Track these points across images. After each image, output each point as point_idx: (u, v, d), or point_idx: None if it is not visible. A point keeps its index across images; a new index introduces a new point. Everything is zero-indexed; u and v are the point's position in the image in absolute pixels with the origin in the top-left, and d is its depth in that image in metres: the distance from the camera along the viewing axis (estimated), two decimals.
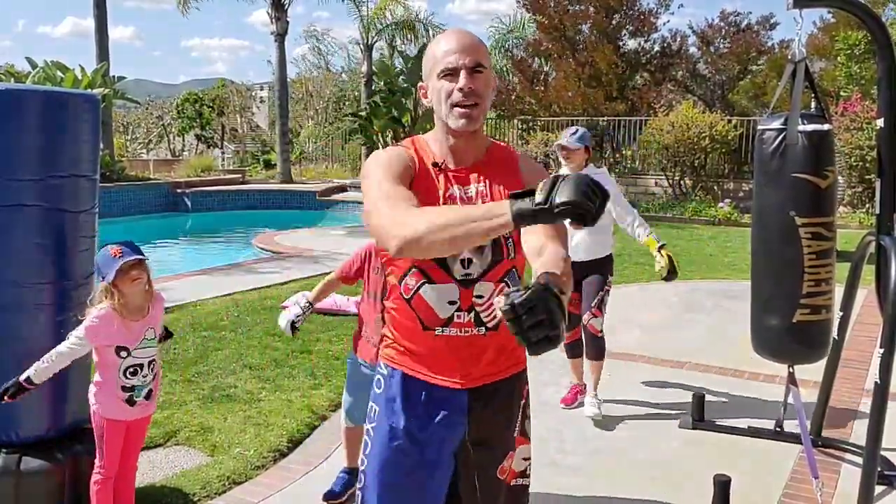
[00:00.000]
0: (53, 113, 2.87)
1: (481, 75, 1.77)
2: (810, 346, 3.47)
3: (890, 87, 3.24)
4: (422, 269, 1.81)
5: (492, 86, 1.82)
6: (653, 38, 19.29)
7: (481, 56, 1.78)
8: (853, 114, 12.95)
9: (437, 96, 1.80)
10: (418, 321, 1.84)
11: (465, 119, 1.76)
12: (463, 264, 1.79)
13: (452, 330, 1.82)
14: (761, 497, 3.38)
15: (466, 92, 1.74)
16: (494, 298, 1.76)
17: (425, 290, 1.81)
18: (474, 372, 1.85)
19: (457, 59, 1.75)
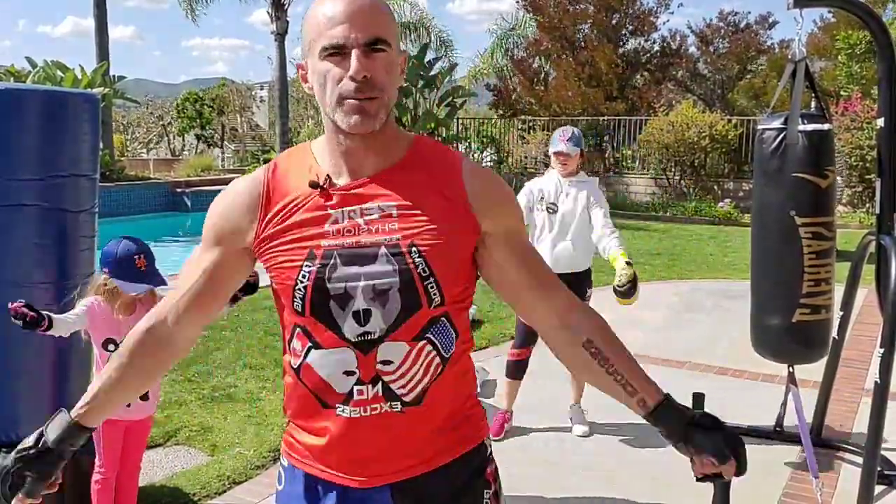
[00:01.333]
0: (53, 113, 2.87)
1: (382, 56, 1.26)
2: (810, 346, 3.47)
3: (890, 87, 3.24)
4: (305, 330, 1.32)
5: (398, 67, 1.31)
6: (653, 37, 19.31)
7: (381, 27, 1.26)
8: (853, 113, 12.96)
9: (319, 83, 1.29)
10: (314, 397, 1.35)
11: (359, 115, 1.26)
12: (357, 319, 1.28)
13: (355, 410, 1.31)
14: (761, 497, 3.38)
15: (360, 82, 1.24)
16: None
17: (313, 358, 1.32)
18: (395, 461, 1.34)
19: (345, 33, 1.23)
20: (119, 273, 2.63)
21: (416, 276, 1.28)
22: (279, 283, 1.34)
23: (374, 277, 1.28)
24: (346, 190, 1.32)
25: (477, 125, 19.71)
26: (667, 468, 3.68)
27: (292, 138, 24.36)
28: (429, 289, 1.29)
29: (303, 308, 1.30)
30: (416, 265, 1.28)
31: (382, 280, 1.28)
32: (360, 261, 1.28)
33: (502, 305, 6.82)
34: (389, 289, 1.28)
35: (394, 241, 1.28)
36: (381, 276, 1.28)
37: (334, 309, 1.29)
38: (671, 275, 8.67)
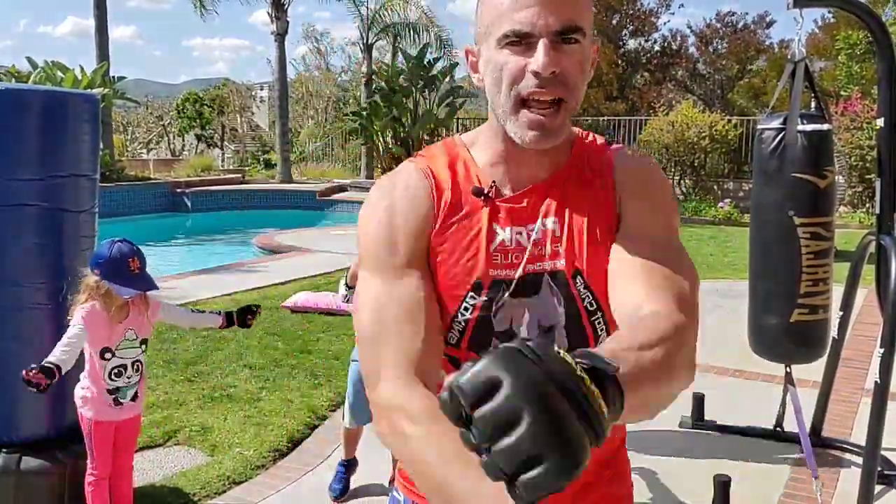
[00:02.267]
0: (53, 113, 2.88)
1: (576, 48, 1.04)
2: (808, 346, 3.47)
3: (890, 87, 3.24)
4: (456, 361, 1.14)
5: (590, 65, 1.09)
6: (653, 37, 19.34)
7: (578, 12, 1.03)
8: (853, 113, 12.96)
9: (493, 77, 1.07)
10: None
11: (538, 132, 1.04)
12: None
13: None
14: (761, 497, 3.38)
15: (547, 78, 1.01)
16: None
17: None
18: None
19: (534, 17, 1.01)
20: (111, 275, 2.61)
21: (582, 311, 1.11)
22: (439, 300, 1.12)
23: (539, 310, 1.11)
24: (513, 202, 1.12)
25: (477, 125, 19.69)
26: (667, 468, 3.68)
27: (292, 139, 24.38)
28: (596, 325, 1.12)
29: (459, 342, 1.12)
30: (581, 298, 1.11)
31: (547, 315, 1.11)
32: (525, 292, 1.11)
33: None
34: (555, 325, 1.11)
35: (559, 267, 1.11)
36: (545, 309, 1.11)
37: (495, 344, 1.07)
38: None
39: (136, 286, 2.66)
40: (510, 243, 1.11)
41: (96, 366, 2.69)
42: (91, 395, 2.71)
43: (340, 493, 3.33)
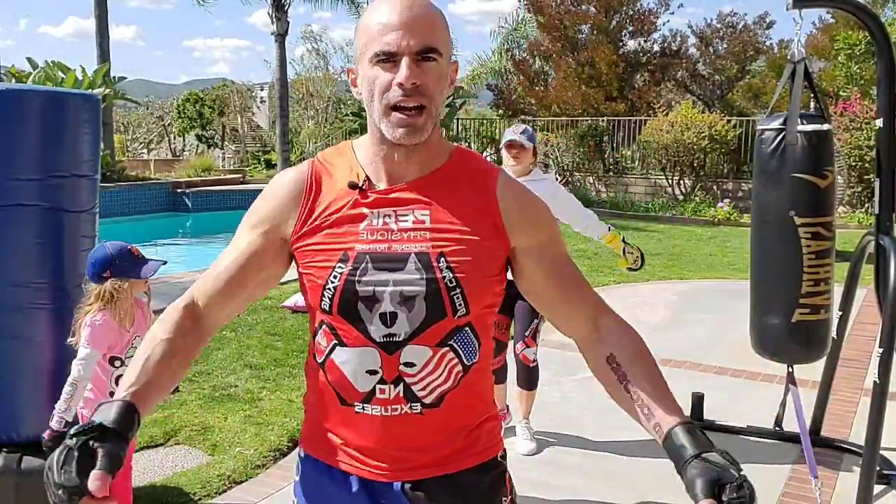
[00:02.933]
0: (54, 113, 2.88)
1: (433, 65, 1.26)
2: (809, 346, 3.48)
3: (889, 88, 3.24)
4: (332, 327, 1.34)
5: (447, 79, 1.32)
6: (652, 38, 19.33)
7: (435, 36, 1.26)
8: (852, 114, 12.97)
9: (368, 89, 1.29)
10: (335, 394, 1.37)
11: (405, 128, 1.26)
12: (384, 321, 1.30)
13: (375, 408, 1.33)
14: (761, 497, 3.36)
15: (409, 89, 1.24)
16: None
17: (338, 355, 1.34)
18: (412, 460, 1.36)
19: (398, 40, 1.23)
20: (124, 269, 2.62)
21: (442, 287, 1.30)
22: (309, 281, 1.36)
23: (402, 284, 1.30)
24: (384, 194, 1.34)
25: (477, 125, 19.72)
26: (667, 468, 3.69)
27: (292, 139, 24.38)
28: (455, 299, 1.30)
29: (330, 307, 1.33)
30: (443, 276, 1.30)
31: (410, 287, 1.29)
32: (390, 266, 1.30)
33: None
34: (416, 296, 1.30)
35: (424, 249, 1.30)
36: (408, 283, 1.30)
37: (362, 310, 1.31)
38: (671, 275, 8.67)
39: (152, 264, 2.68)
40: (377, 224, 1.32)
41: (102, 373, 2.68)
42: (92, 396, 2.71)
43: None
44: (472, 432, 1.41)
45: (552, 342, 4.75)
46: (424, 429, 1.35)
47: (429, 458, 1.37)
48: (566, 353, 5.35)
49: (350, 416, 1.36)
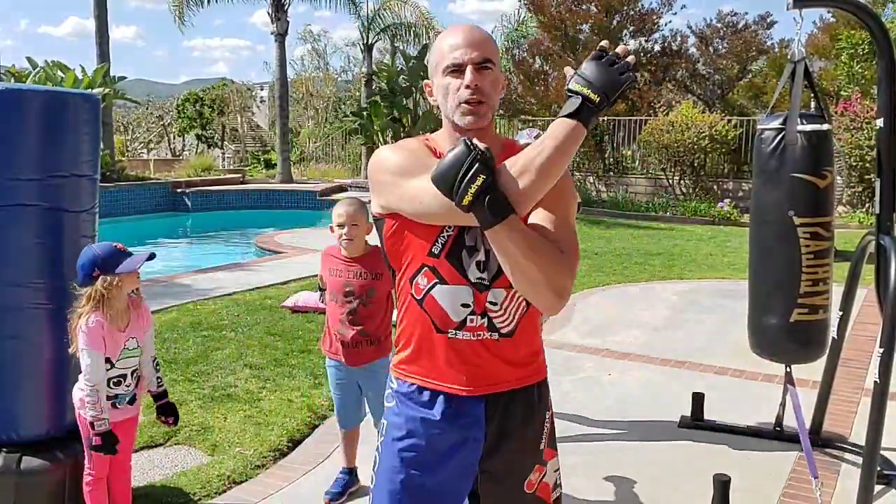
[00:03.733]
0: (54, 113, 2.88)
1: (488, 72, 1.70)
2: (807, 346, 3.48)
3: (889, 87, 3.24)
4: (434, 269, 1.71)
5: (500, 84, 1.74)
6: (653, 37, 19.31)
7: (489, 52, 1.70)
8: (853, 113, 12.96)
9: (442, 93, 1.72)
10: (431, 324, 1.74)
11: (471, 116, 1.69)
12: (479, 267, 1.70)
13: (466, 334, 1.72)
14: (761, 497, 3.38)
15: (473, 89, 1.67)
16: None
17: (437, 291, 1.71)
18: (489, 378, 1.75)
19: (463, 55, 1.68)
20: (112, 265, 2.64)
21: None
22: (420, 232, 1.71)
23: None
24: None
25: None
26: (667, 468, 3.69)
27: (292, 138, 24.38)
28: None
29: (440, 251, 1.70)
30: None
31: None
32: None
33: None
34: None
35: None
36: None
37: (465, 257, 1.70)
38: (671, 275, 8.67)
39: (139, 256, 2.69)
40: None
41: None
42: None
43: (335, 497, 3.30)
44: (531, 358, 1.81)
45: (552, 342, 4.75)
46: (502, 353, 1.74)
47: (504, 379, 1.76)
48: (566, 353, 5.36)
49: (443, 342, 1.74)
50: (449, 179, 1.53)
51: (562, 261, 1.62)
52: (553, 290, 1.62)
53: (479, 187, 1.51)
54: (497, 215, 1.54)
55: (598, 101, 1.55)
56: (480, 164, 1.51)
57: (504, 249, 1.59)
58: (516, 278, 1.62)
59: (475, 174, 1.51)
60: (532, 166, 1.57)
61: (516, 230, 1.57)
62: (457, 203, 1.54)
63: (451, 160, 1.53)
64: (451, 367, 1.74)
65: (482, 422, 1.75)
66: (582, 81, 1.57)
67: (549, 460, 1.88)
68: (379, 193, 1.74)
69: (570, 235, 1.69)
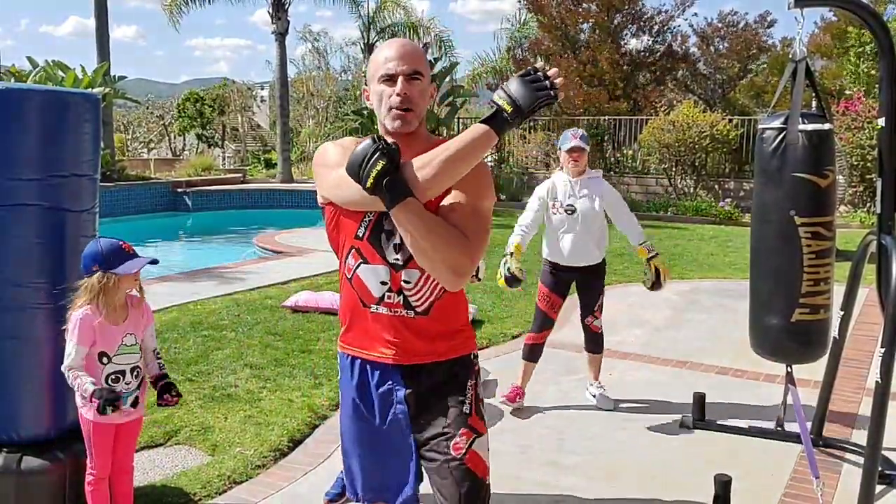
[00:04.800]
0: (54, 113, 2.87)
1: (417, 83, 1.92)
2: (809, 346, 3.47)
3: (891, 86, 3.23)
4: (359, 250, 1.97)
5: (428, 94, 1.97)
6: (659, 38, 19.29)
7: (419, 65, 1.92)
8: (854, 113, 12.95)
9: (377, 99, 1.95)
10: (358, 299, 1.99)
11: (400, 121, 1.91)
12: (395, 249, 1.93)
13: (384, 309, 1.97)
14: (762, 497, 3.38)
15: (402, 97, 1.89)
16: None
17: (362, 270, 1.97)
18: (406, 350, 1.98)
19: (395, 66, 1.90)
20: (112, 262, 2.64)
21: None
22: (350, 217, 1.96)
23: None
24: None
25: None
26: (667, 468, 3.68)
27: (293, 138, 24.36)
28: None
29: (363, 235, 1.95)
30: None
31: None
32: None
33: (503, 305, 6.81)
34: None
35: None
36: None
37: (383, 240, 1.94)
38: (672, 274, 8.64)
39: (140, 260, 2.69)
40: None
41: (94, 371, 2.68)
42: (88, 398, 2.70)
43: (335, 498, 3.29)
44: (450, 336, 2.03)
45: (552, 342, 4.75)
46: (418, 329, 1.97)
47: (420, 350, 1.99)
48: (566, 353, 5.35)
49: (367, 316, 1.99)
50: (356, 165, 1.76)
51: (460, 242, 1.82)
52: (449, 268, 1.81)
53: (379, 171, 1.73)
54: (395, 198, 1.76)
55: (510, 111, 1.77)
56: (381, 153, 1.73)
57: (405, 228, 1.79)
58: (417, 255, 1.83)
59: (376, 160, 1.73)
60: (435, 161, 1.79)
61: (414, 212, 1.77)
62: (362, 186, 1.76)
63: (359, 150, 1.76)
64: (374, 338, 2.00)
65: (401, 388, 2.00)
66: (503, 94, 1.80)
67: (477, 428, 2.02)
68: (318, 184, 1.99)
69: (477, 222, 1.87)
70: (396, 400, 2.01)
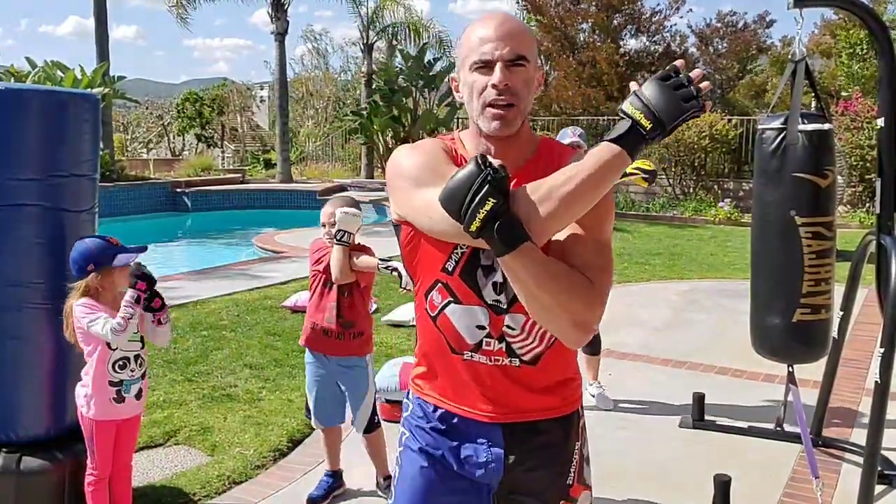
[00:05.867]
0: (53, 113, 2.87)
1: (521, 70, 1.49)
2: (810, 346, 3.47)
3: (890, 87, 3.23)
4: (448, 286, 1.57)
5: (535, 83, 1.54)
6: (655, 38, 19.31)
7: (523, 46, 1.50)
8: (853, 113, 12.96)
9: (468, 91, 1.53)
10: (446, 343, 1.60)
11: (499, 121, 1.49)
12: (495, 288, 1.54)
13: (482, 357, 1.57)
14: (761, 497, 3.38)
15: (501, 89, 1.47)
16: None
17: (451, 310, 1.57)
18: (509, 405, 1.59)
19: (493, 50, 1.48)
20: (104, 259, 2.67)
21: None
22: (435, 244, 1.55)
23: None
24: None
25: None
26: (667, 468, 3.68)
27: (292, 138, 24.36)
28: None
29: (453, 269, 1.55)
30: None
31: None
32: None
33: None
34: None
35: None
36: None
37: (480, 276, 1.54)
38: (671, 274, 8.67)
39: (130, 251, 2.71)
40: None
41: (100, 357, 2.69)
42: (93, 392, 2.71)
43: (318, 500, 3.28)
44: (559, 389, 1.63)
45: None
46: (522, 381, 1.58)
47: (525, 408, 1.60)
48: None
49: (458, 364, 1.59)
50: (457, 202, 1.36)
51: (586, 291, 1.44)
52: (573, 324, 1.44)
53: (488, 213, 1.33)
54: (508, 244, 1.36)
55: (649, 127, 1.38)
56: (490, 187, 1.33)
57: (517, 278, 1.41)
58: (532, 309, 1.46)
59: (483, 198, 1.33)
60: (556, 194, 1.37)
61: (531, 259, 1.38)
62: (465, 229, 1.36)
63: (459, 181, 1.36)
64: (467, 389, 1.60)
65: (500, 450, 1.60)
66: (637, 103, 1.39)
67: (576, 497, 1.68)
68: (393, 199, 1.59)
69: (601, 260, 1.49)
70: (489, 463, 1.60)
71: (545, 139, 1.63)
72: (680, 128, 1.46)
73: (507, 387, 1.58)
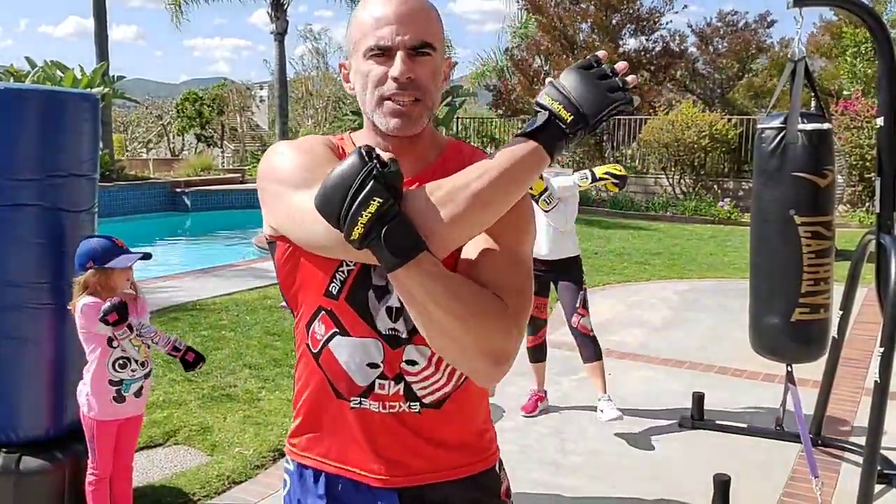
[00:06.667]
0: (53, 113, 2.87)
1: (427, 59, 1.23)
2: (809, 345, 3.47)
3: (890, 86, 3.24)
4: (332, 314, 1.27)
5: (442, 74, 1.28)
6: (653, 37, 19.32)
7: (430, 31, 1.24)
8: (853, 112, 12.96)
9: (360, 82, 1.25)
10: (329, 386, 1.30)
11: (399, 119, 1.22)
12: (390, 315, 1.25)
13: (374, 404, 1.27)
14: (761, 496, 3.38)
15: (403, 83, 1.21)
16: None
17: (336, 345, 1.27)
18: (407, 465, 1.29)
19: (392, 34, 1.20)
20: (106, 258, 2.67)
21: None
22: (316, 262, 1.25)
23: None
24: None
25: (477, 125, 19.71)
26: (667, 468, 3.68)
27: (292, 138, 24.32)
28: None
29: (338, 292, 1.26)
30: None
31: None
32: None
33: None
34: None
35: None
36: None
37: (371, 300, 1.25)
38: (671, 274, 8.67)
39: (133, 255, 2.72)
40: None
41: (101, 355, 2.69)
42: (94, 391, 2.71)
43: None
44: (470, 440, 1.35)
45: (551, 342, 4.74)
46: (422, 431, 1.29)
47: (426, 466, 1.30)
48: (566, 353, 5.35)
49: (344, 412, 1.29)
50: (335, 204, 1.07)
51: (500, 314, 1.16)
52: (484, 355, 1.15)
53: (373, 215, 1.06)
54: (399, 254, 1.08)
55: (570, 120, 1.15)
56: (376, 183, 1.06)
57: (412, 299, 1.13)
58: (432, 337, 1.16)
59: (367, 197, 1.05)
60: (461, 195, 1.12)
61: (429, 274, 1.11)
62: (346, 238, 1.08)
63: (337, 177, 1.07)
64: (356, 446, 1.30)
65: None
66: (555, 94, 1.17)
67: None
68: (265, 208, 1.29)
69: (518, 279, 1.23)
70: None
71: (453, 141, 1.37)
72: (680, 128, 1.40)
73: (405, 440, 1.28)
